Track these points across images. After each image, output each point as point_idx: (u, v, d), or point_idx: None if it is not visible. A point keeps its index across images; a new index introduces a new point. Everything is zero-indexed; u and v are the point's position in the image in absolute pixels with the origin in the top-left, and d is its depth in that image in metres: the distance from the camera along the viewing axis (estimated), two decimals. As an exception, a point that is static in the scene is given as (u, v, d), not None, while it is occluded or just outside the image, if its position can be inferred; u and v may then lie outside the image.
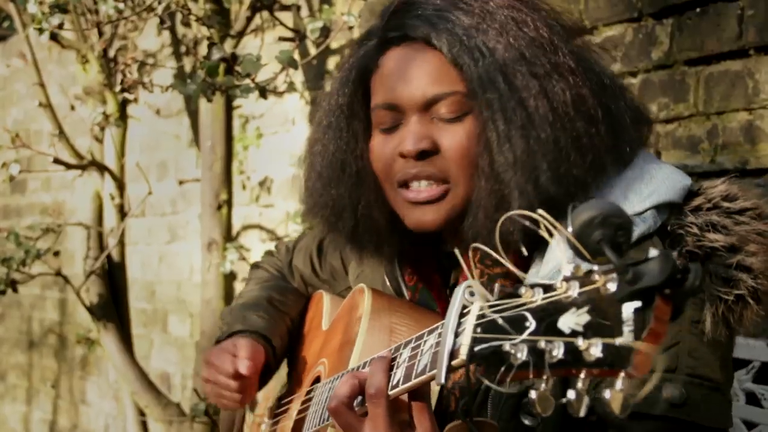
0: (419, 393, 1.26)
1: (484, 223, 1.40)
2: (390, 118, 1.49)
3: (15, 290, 4.13)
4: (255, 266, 2.11)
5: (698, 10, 2.35)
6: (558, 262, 1.35)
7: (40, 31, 3.17)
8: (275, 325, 1.89)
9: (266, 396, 2.01)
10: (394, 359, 1.30)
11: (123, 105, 4.34)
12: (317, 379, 1.71)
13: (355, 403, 1.31)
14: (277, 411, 1.89)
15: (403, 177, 1.47)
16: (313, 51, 3.51)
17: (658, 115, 2.44)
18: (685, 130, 2.39)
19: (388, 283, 1.66)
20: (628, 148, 1.46)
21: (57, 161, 3.90)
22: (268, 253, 2.12)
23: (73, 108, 4.51)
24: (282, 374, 1.98)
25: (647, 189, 1.38)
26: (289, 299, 1.97)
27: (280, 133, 3.96)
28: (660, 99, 2.43)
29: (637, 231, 1.34)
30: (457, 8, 1.45)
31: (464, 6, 1.45)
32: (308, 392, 1.72)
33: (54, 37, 3.60)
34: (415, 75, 1.46)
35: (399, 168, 1.48)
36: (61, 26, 3.20)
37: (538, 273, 1.38)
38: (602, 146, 1.39)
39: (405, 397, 1.27)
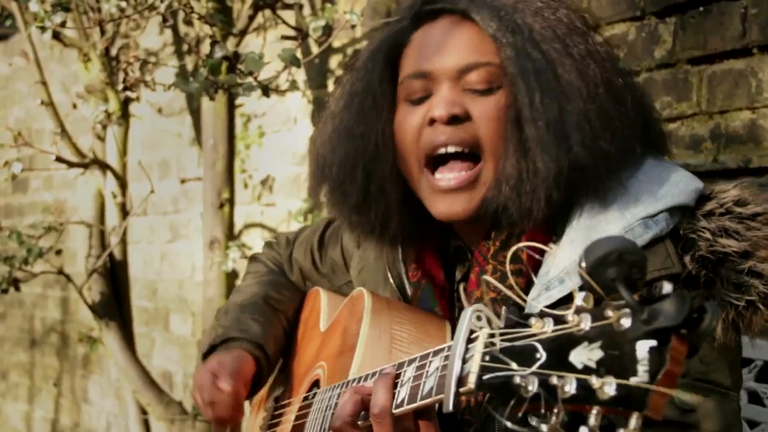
0: (425, 411, 1.25)
1: (509, 195, 1.39)
2: (420, 87, 1.48)
3: (17, 289, 4.13)
4: (253, 259, 2.10)
5: (701, 8, 2.34)
6: (559, 269, 1.35)
7: (43, 29, 3.17)
8: (270, 327, 1.88)
9: (261, 395, 2.00)
10: (397, 376, 1.29)
11: (125, 103, 4.34)
12: (316, 383, 1.70)
13: (359, 420, 1.31)
14: (274, 412, 1.88)
15: (432, 144, 1.45)
16: (315, 50, 3.51)
17: (661, 113, 2.43)
18: (687, 128, 2.38)
19: (390, 279, 1.65)
20: (658, 143, 1.48)
21: (59, 159, 3.90)
22: (268, 244, 2.11)
23: (75, 106, 4.51)
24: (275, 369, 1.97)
25: (660, 191, 1.38)
26: (286, 296, 1.96)
27: (282, 131, 3.96)
28: (663, 98, 2.43)
29: (650, 233, 1.34)
30: None
31: None
32: (306, 397, 1.71)
33: (56, 35, 3.60)
34: (451, 44, 1.46)
35: (427, 137, 1.46)
36: (63, 24, 3.20)
37: (574, 242, 1.37)
38: (630, 129, 1.41)
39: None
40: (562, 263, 1.36)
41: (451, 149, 1.44)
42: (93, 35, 4.15)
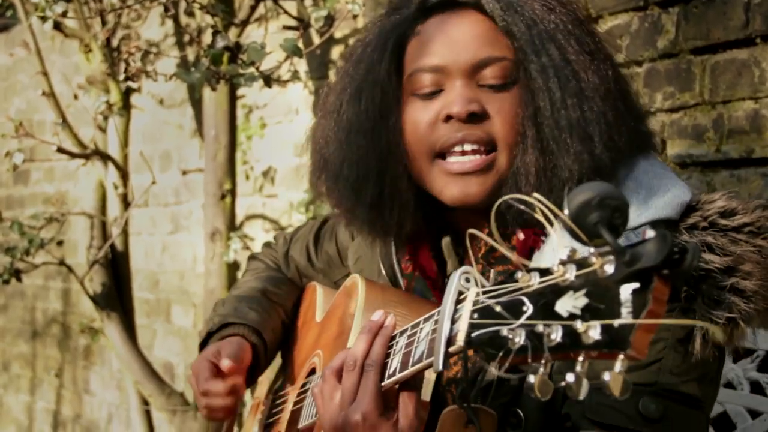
0: (408, 382, 1.25)
1: (526, 192, 1.35)
2: (431, 81, 1.45)
3: (19, 280, 4.13)
4: (252, 258, 2.10)
5: (704, -2, 2.34)
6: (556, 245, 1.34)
7: (43, 19, 3.16)
8: (268, 317, 1.87)
9: (260, 390, 2.01)
10: (390, 345, 1.29)
11: (126, 94, 4.34)
12: (312, 371, 1.71)
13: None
14: (273, 403, 1.89)
15: (447, 141, 1.42)
16: (317, 40, 3.50)
17: (663, 104, 2.43)
18: (690, 119, 2.38)
19: (383, 272, 1.64)
20: (641, 129, 1.48)
21: (60, 150, 3.90)
22: (266, 245, 2.12)
23: (76, 97, 4.51)
24: (276, 364, 1.98)
25: (646, 202, 1.36)
26: (284, 290, 1.96)
27: (284, 122, 3.96)
28: (666, 88, 2.43)
29: None
30: None
31: None
32: (303, 384, 1.71)
33: (57, 26, 3.59)
34: (464, 38, 1.43)
35: (442, 134, 1.43)
36: (64, 15, 3.19)
37: (541, 257, 1.37)
38: (630, 128, 1.41)
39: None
40: (551, 246, 1.36)
41: (467, 147, 1.42)
42: (94, 26, 4.14)
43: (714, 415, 2.07)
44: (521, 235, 1.37)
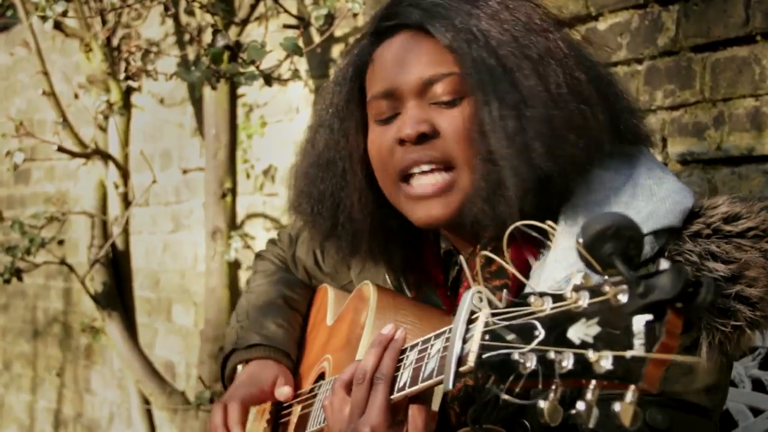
0: (419, 396, 1.25)
1: (481, 208, 1.38)
2: (387, 107, 1.47)
3: (20, 279, 4.13)
4: (259, 256, 2.09)
5: (705, -4, 2.34)
6: (556, 269, 1.33)
7: (44, 18, 3.17)
8: (293, 331, 1.87)
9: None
10: (401, 360, 1.29)
11: (127, 93, 4.34)
12: (321, 376, 1.70)
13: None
14: (280, 407, 1.88)
15: (403, 164, 1.44)
16: (317, 39, 3.50)
17: (664, 101, 2.43)
18: (691, 116, 2.38)
19: (389, 282, 1.65)
20: (629, 134, 1.46)
21: (61, 150, 3.90)
22: (271, 242, 2.10)
23: (76, 97, 4.51)
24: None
25: (646, 209, 1.34)
26: (299, 294, 1.95)
27: (284, 121, 3.95)
28: (666, 86, 2.42)
29: None
30: None
31: None
32: (312, 389, 1.71)
33: (57, 25, 3.60)
34: (411, 60, 1.44)
35: (399, 157, 1.45)
36: (64, 14, 3.19)
37: (557, 261, 1.35)
38: (599, 127, 1.38)
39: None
40: (548, 282, 1.33)
41: (424, 167, 1.43)
42: (94, 25, 4.14)
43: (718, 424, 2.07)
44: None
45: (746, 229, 1.33)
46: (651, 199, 1.35)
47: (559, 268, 1.32)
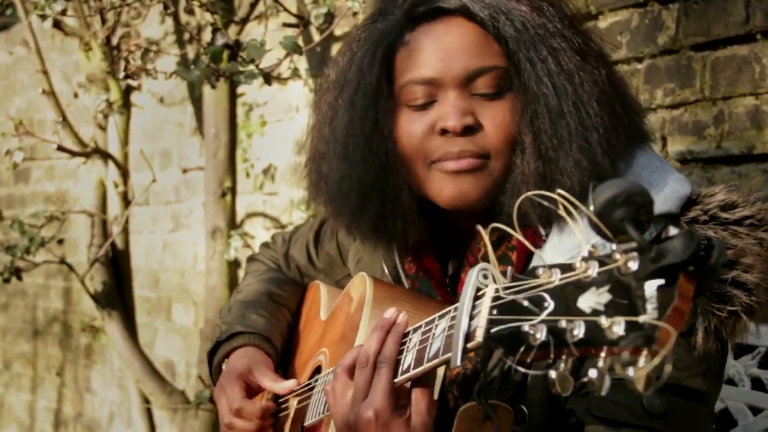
0: (423, 380, 1.25)
1: (528, 199, 1.35)
2: (424, 93, 1.43)
3: (19, 279, 4.14)
4: (251, 259, 2.09)
5: (705, -6, 2.33)
6: (577, 240, 1.32)
7: (43, 18, 3.16)
8: (276, 322, 1.86)
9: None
10: (403, 343, 1.29)
11: (126, 93, 4.34)
12: (318, 369, 1.70)
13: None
14: (276, 402, 1.88)
15: (444, 156, 1.42)
16: (317, 37, 3.50)
17: (664, 100, 2.42)
18: (691, 115, 2.38)
19: (386, 272, 1.64)
20: (633, 130, 1.46)
21: (61, 149, 3.90)
22: (264, 245, 2.10)
23: (76, 96, 4.51)
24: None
25: None
26: (287, 291, 1.95)
27: (284, 120, 3.95)
28: (666, 84, 2.42)
29: None
30: None
31: None
32: (309, 382, 1.71)
33: (57, 24, 3.60)
34: (455, 48, 1.41)
35: (437, 146, 1.42)
36: (64, 13, 3.19)
37: (555, 248, 1.36)
38: (627, 126, 1.41)
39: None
40: (571, 241, 1.35)
41: (463, 163, 1.41)
42: (94, 24, 4.14)
43: (715, 412, 2.06)
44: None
45: (743, 217, 1.34)
46: (649, 187, 1.35)
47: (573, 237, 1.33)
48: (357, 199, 1.51)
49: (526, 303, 0.99)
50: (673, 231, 0.89)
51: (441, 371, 1.35)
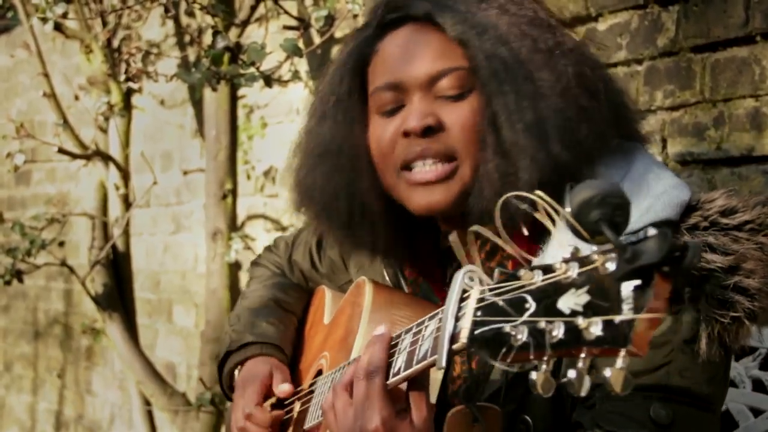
0: (417, 381, 1.26)
1: (492, 199, 1.37)
2: (391, 99, 1.46)
3: (20, 280, 4.14)
4: (255, 263, 2.09)
5: (704, -4, 2.34)
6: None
7: (44, 20, 3.17)
8: (285, 329, 1.87)
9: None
10: (395, 344, 1.29)
11: (127, 95, 4.34)
12: (319, 373, 1.71)
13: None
14: (281, 405, 1.88)
15: (407, 157, 1.44)
16: (317, 40, 3.50)
17: (664, 102, 2.43)
18: (691, 117, 2.38)
19: (387, 278, 1.65)
20: (627, 131, 1.47)
21: (62, 151, 3.90)
22: (267, 249, 2.11)
23: (77, 98, 4.51)
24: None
25: (645, 203, 1.35)
26: (293, 297, 1.95)
27: (285, 122, 3.96)
28: (666, 86, 2.43)
29: None
30: None
31: None
32: (310, 385, 1.72)
33: (58, 26, 3.60)
34: (418, 52, 1.44)
35: (402, 149, 1.45)
36: (65, 16, 3.20)
37: (544, 256, 1.37)
38: (604, 119, 1.40)
39: (403, 385, 1.27)
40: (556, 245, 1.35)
41: (428, 162, 1.42)
42: (95, 26, 4.15)
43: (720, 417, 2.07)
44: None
45: (743, 222, 1.34)
46: (648, 194, 1.36)
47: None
48: (326, 206, 1.55)
49: (508, 304, 1.01)
50: (651, 231, 0.89)
51: (439, 379, 1.35)
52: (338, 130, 1.52)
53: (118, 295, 4.33)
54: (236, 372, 1.85)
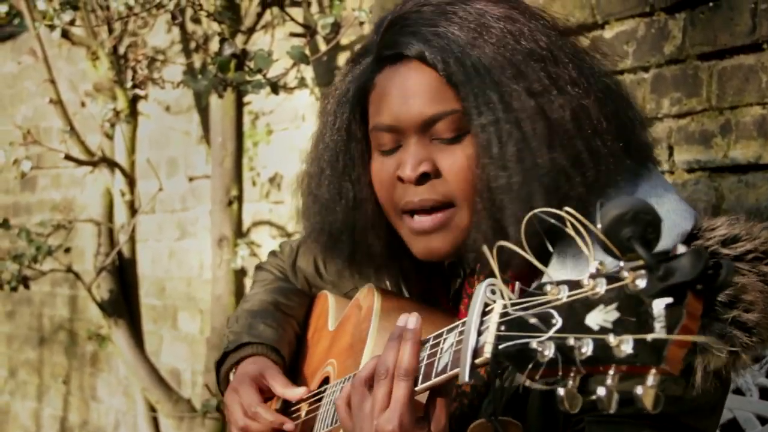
0: (438, 393, 1.25)
1: (482, 246, 1.31)
2: (390, 139, 1.44)
3: (26, 287, 4.15)
4: (259, 268, 2.09)
5: (711, 3, 2.33)
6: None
7: (51, 27, 3.18)
8: (284, 332, 1.86)
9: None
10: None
11: (133, 101, 4.35)
12: (326, 380, 1.70)
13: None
14: (285, 413, 1.87)
15: (405, 206, 1.43)
16: (323, 47, 3.50)
17: (670, 109, 2.43)
18: (697, 124, 2.38)
19: (390, 288, 1.65)
20: (636, 150, 1.42)
21: (68, 158, 3.91)
22: (272, 253, 2.10)
23: (83, 105, 4.53)
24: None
25: None
26: (295, 301, 1.95)
27: (290, 129, 3.96)
28: (672, 94, 2.43)
29: None
30: (452, 23, 1.40)
31: (459, 21, 1.40)
32: (318, 392, 1.71)
33: (64, 33, 3.62)
34: (412, 94, 1.41)
35: (400, 194, 1.44)
36: (71, 23, 3.21)
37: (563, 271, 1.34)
38: (609, 156, 1.35)
39: (420, 396, 1.26)
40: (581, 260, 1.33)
41: (426, 223, 1.42)
42: (101, 33, 4.16)
43: (723, 422, 2.06)
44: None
45: (745, 252, 1.30)
46: None
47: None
48: (330, 239, 1.56)
49: (534, 320, 1.00)
50: (681, 249, 0.89)
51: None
52: (339, 165, 1.51)
53: (123, 301, 4.34)
54: (231, 374, 1.85)
